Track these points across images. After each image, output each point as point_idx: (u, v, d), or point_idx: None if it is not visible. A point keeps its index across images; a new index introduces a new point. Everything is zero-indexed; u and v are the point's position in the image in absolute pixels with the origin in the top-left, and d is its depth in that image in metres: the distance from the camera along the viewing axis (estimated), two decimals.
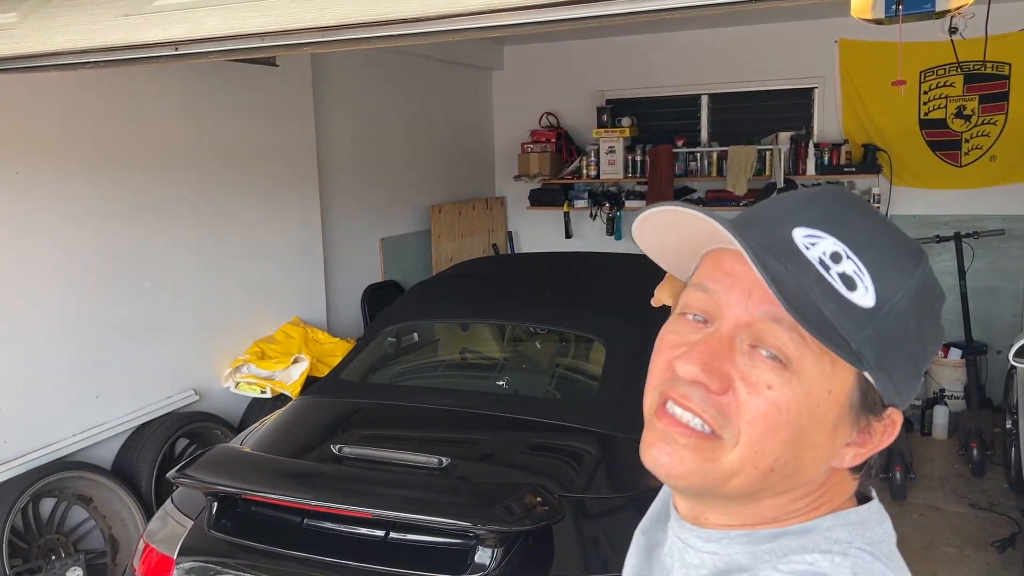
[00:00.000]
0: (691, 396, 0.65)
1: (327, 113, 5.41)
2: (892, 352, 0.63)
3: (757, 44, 6.55)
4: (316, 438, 2.69)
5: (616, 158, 6.74)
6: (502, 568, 2.06)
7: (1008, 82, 5.94)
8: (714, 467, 0.64)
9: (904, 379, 0.65)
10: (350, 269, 5.78)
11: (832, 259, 0.62)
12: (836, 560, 0.62)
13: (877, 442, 0.67)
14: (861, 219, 0.65)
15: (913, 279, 0.64)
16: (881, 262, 0.63)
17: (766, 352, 0.63)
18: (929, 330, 0.66)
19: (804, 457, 0.65)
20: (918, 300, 0.64)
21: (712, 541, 0.69)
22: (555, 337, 3.29)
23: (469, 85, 7.26)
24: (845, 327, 0.60)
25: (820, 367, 0.63)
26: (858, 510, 0.69)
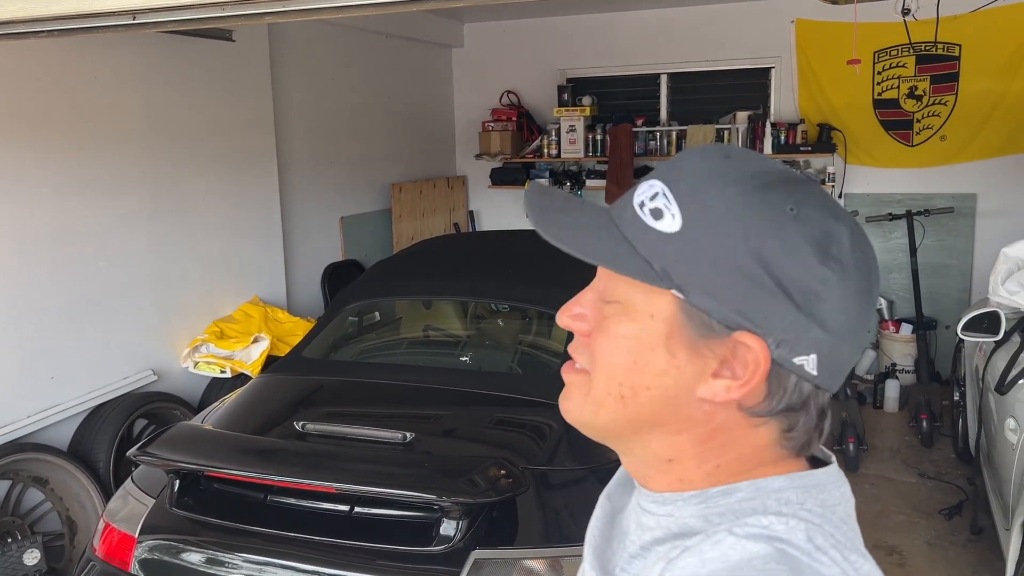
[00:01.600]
0: (574, 345, 0.75)
1: (285, 89, 5.34)
2: (706, 269, 0.64)
3: (716, 24, 6.59)
4: (279, 415, 2.68)
5: (577, 137, 6.76)
6: (467, 539, 2.09)
7: (958, 63, 6.07)
8: (586, 398, 0.72)
9: (740, 298, 0.64)
10: (310, 248, 5.73)
11: (650, 198, 0.68)
12: (791, 523, 0.63)
13: (749, 375, 0.65)
14: (698, 162, 0.69)
15: (726, 197, 0.65)
16: (692, 192, 0.67)
17: (608, 298, 0.71)
18: (776, 248, 0.64)
19: (654, 384, 0.68)
20: (740, 216, 0.64)
21: (667, 504, 0.71)
22: (518, 313, 3.31)
23: (429, 63, 7.20)
24: (648, 252, 0.66)
25: (642, 295, 0.68)
26: (814, 473, 0.69)
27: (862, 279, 0.67)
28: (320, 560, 2.15)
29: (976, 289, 6.10)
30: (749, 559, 0.61)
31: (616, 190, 6.56)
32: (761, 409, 0.67)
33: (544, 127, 7.09)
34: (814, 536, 0.63)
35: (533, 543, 2.16)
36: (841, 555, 0.62)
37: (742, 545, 0.62)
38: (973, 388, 4.15)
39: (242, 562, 2.21)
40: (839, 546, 0.63)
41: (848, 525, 0.67)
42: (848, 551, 0.63)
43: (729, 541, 0.63)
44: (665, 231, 0.66)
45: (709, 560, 0.62)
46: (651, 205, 0.68)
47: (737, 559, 0.61)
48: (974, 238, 6.14)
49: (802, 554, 0.61)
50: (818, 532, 0.63)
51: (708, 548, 0.63)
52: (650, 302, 0.67)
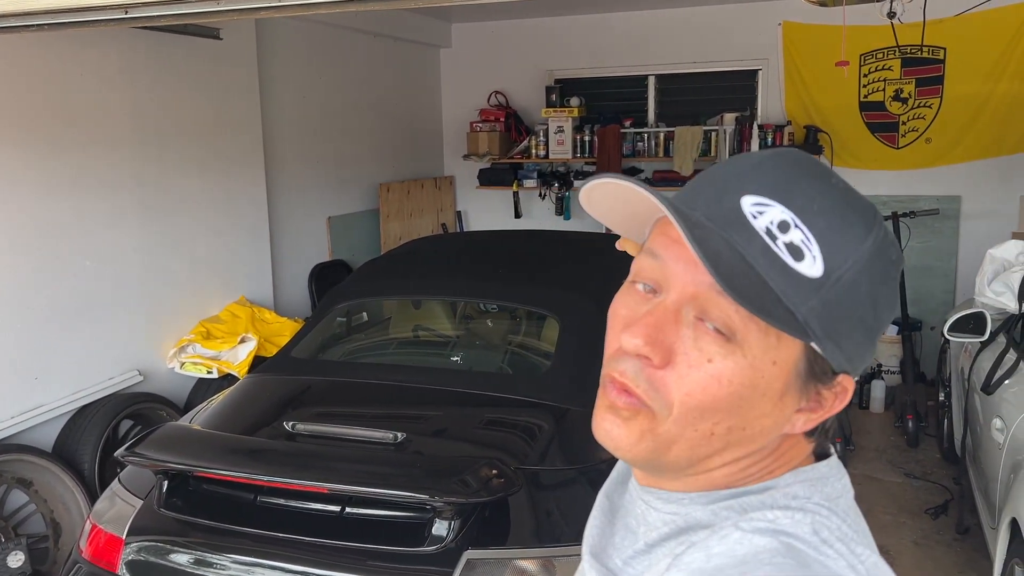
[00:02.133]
0: (626, 371, 0.65)
1: (273, 89, 5.31)
2: (841, 321, 0.62)
3: (703, 26, 6.62)
4: (268, 415, 2.66)
5: (565, 138, 6.76)
6: (459, 540, 2.08)
7: (943, 66, 6.12)
8: (653, 436, 0.65)
9: (855, 347, 0.64)
10: (297, 248, 5.70)
11: (780, 228, 0.61)
12: (796, 517, 0.63)
13: (828, 408, 0.66)
14: (813, 185, 0.63)
15: (864, 246, 0.62)
16: (830, 230, 0.61)
17: (711, 325, 0.63)
18: (883, 296, 0.64)
19: (751, 426, 0.65)
20: (870, 267, 0.62)
21: (673, 502, 0.70)
22: (509, 313, 3.31)
23: (417, 63, 7.18)
24: (791, 298, 0.60)
25: (765, 338, 0.62)
26: (816, 466, 0.69)
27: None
28: (311, 561, 2.13)
29: (960, 290, 6.15)
30: (756, 553, 0.60)
31: None
32: (819, 431, 0.70)
33: (532, 128, 7.09)
34: (820, 529, 0.62)
35: (525, 543, 2.15)
36: (847, 548, 0.62)
37: (748, 539, 0.61)
38: (959, 388, 4.18)
39: (232, 563, 2.19)
40: (845, 539, 0.63)
41: (852, 516, 0.67)
42: (854, 543, 0.63)
43: (735, 536, 0.62)
44: (807, 275, 0.61)
45: (715, 555, 0.61)
46: (785, 238, 0.61)
47: (743, 553, 0.60)
48: (958, 240, 6.19)
49: (808, 547, 0.61)
50: (824, 525, 0.63)
51: (715, 543, 0.62)
52: (775, 348, 0.63)
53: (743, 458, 0.68)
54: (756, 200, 0.62)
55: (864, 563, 0.61)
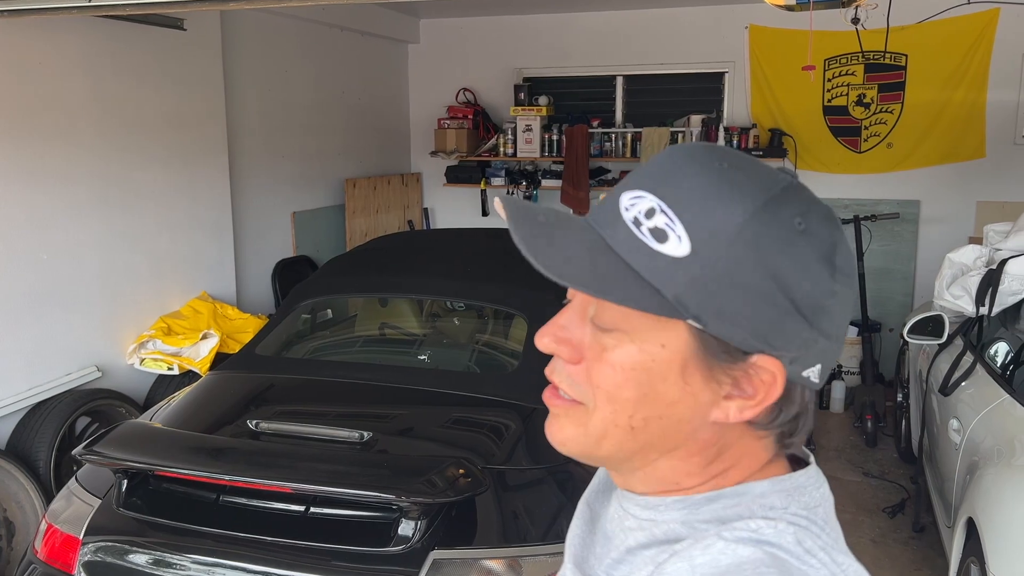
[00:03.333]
0: (555, 369, 0.70)
1: (237, 81, 5.23)
2: (724, 296, 0.61)
3: (671, 28, 6.66)
4: (231, 413, 2.62)
5: (533, 137, 6.76)
6: (426, 540, 2.06)
7: (904, 73, 6.23)
8: (586, 431, 0.67)
9: (759, 322, 0.62)
10: (261, 243, 5.63)
11: (646, 216, 0.63)
12: (779, 527, 0.62)
13: (763, 395, 0.64)
14: (688, 171, 0.64)
15: (735, 218, 0.61)
16: (695, 209, 0.62)
17: (598, 322, 0.66)
18: (785, 266, 0.62)
19: (666, 414, 0.65)
20: (753, 238, 0.61)
21: (650, 508, 0.70)
22: (476, 312, 3.30)
23: (384, 58, 7.13)
24: (658, 278, 0.61)
25: (648, 322, 0.64)
26: (794, 476, 0.68)
27: (855, 283, 0.67)
28: (274, 561, 2.10)
29: (919, 293, 6.27)
30: (739, 564, 0.60)
31: (572, 190, 6.58)
32: (768, 423, 0.67)
33: (500, 126, 7.08)
34: (803, 539, 0.62)
35: (492, 543, 2.15)
36: (829, 557, 0.62)
37: (732, 549, 0.61)
38: (917, 390, 4.26)
39: (193, 563, 2.15)
40: (826, 548, 0.63)
41: (830, 526, 0.67)
42: (835, 552, 0.63)
43: (719, 546, 0.62)
44: (673, 255, 0.62)
45: (699, 565, 0.61)
46: (649, 224, 0.63)
47: (727, 563, 0.60)
48: (917, 243, 6.30)
49: (792, 557, 0.61)
50: (806, 535, 0.63)
51: (698, 553, 0.62)
52: (661, 332, 0.64)
53: (677, 449, 0.67)
54: (632, 195, 0.65)
55: (846, 572, 0.62)
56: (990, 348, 3.40)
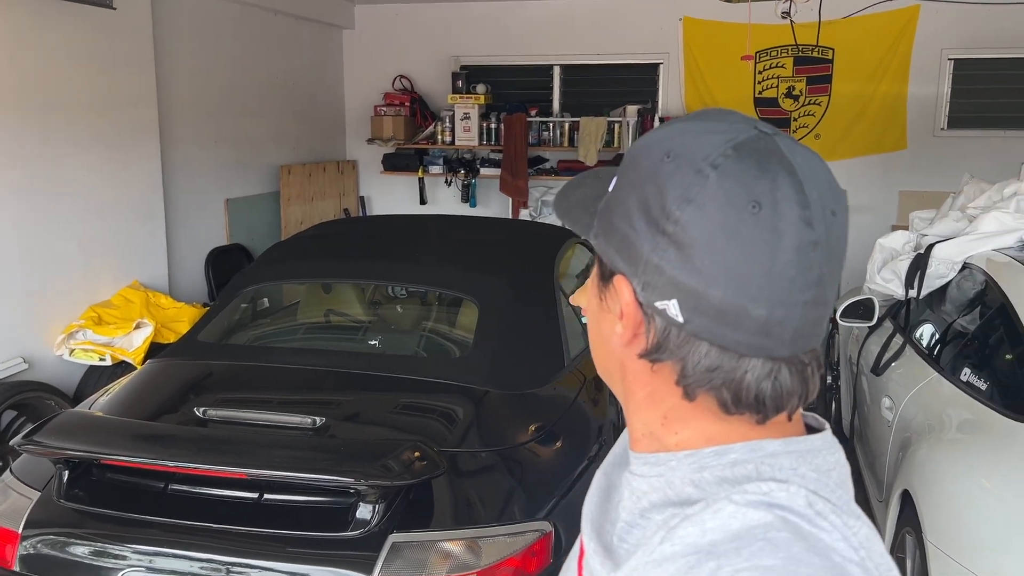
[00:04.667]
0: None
1: (169, 63, 5.07)
2: (608, 213, 0.68)
3: (607, 18, 6.72)
4: (176, 401, 2.55)
5: (471, 125, 6.75)
6: (384, 523, 2.05)
7: (831, 66, 6.43)
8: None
9: (619, 239, 0.66)
10: (194, 231, 5.48)
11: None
12: (791, 489, 0.62)
13: (626, 316, 0.67)
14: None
15: (640, 156, 0.67)
16: (629, 153, 0.71)
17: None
18: (651, 192, 0.63)
19: (599, 343, 0.74)
20: (629, 167, 0.68)
21: (660, 464, 0.70)
22: (427, 296, 3.28)
23: (319, 43, 7.01)
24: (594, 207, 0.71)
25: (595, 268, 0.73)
26: (808, 438, 0.68)
27: (738, 219, 0.61)
28: (226, 549, 2.06)
29: (847, 279, 6.48)
30: (750, 527, 0.60)
31: (511, 179, 6.59)
32: (644, 352, 0.67)
33: (438, 114, 7.04)
34: (814, 502, 0.62)
35: (449, 525, 2.15)
36: (841, 520, 0.62)
37: (743, 513, 0.61)
38: (847, 372, 4.42)
39: (139, 554, 2.09)
40: (838, 511, 0.63)
41: (843, 490, 0.67)
42: (846, 515, 0.63)
43: (729, 509, 0.62)
44: (609, 191, 0.70)
45: (710, 530, 0.61)
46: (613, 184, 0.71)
47: (738, 527, 0.60)
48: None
49: (803, 520, 0.61)
50: (817, 498, 0.63)
51: (709, 517, 0.62)
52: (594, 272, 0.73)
53: (632, 395, 0.72)
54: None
55: (857, 535, 0.62)
56: (918, 329, 3.55)
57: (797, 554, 0.58)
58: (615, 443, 0.86)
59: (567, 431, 2.60)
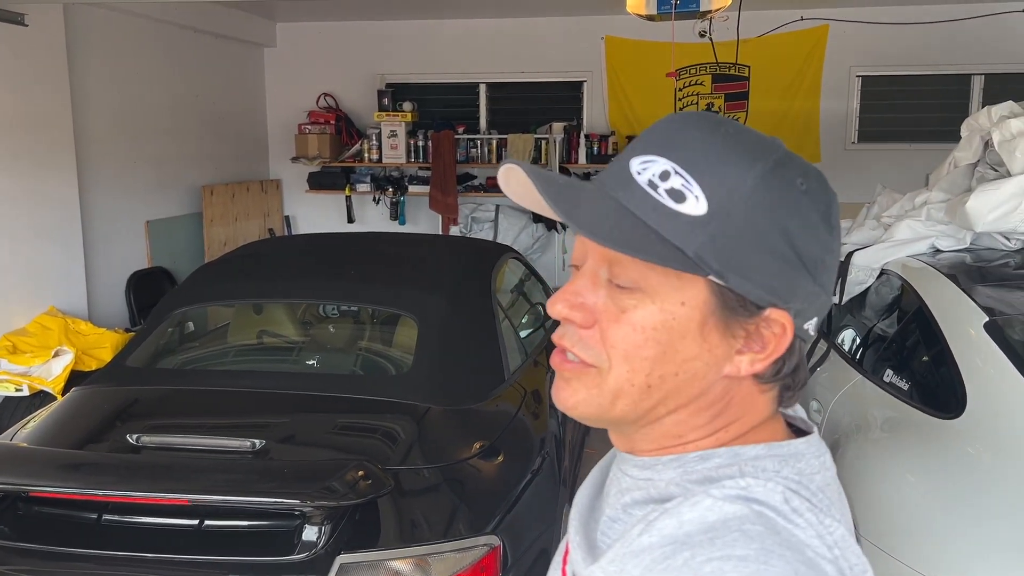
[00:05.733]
0: (564, 335, 0.71)
1: (85, 83, 4.91)
2: (742, 252, 0.64)
3: (531, 37, 6.81)
4: (107, 429, 2.46)
5: (398, 142, 6.73)
6: (331, 545, 2.01)
7: (748, 83, 6.65)
8: (599, 392, 0.69)
9: (772, 277, 0.66)
10: (113, 254, 5.30)
11: (661, 178, 0.66)
12: (768, 486, 0.64)
13: (772, 347, 0.67)
14: (695, 135, 0.68)
15: (749, 177, 0.65)
16: (710, 171, 0.65)
17: (616, 281, 0.68)
18: (795, 225, 0.66)
19: (683, 370, 0.67)
20: (765, 197, 0.65)
21: (647, 468, 0.71)
22: (360, 314, 3.24)
23: (240, 61, 6.90)
24: (679, 237, 0.64)
25: (668, 281, 0.66)
26: (792, 443, 0.70)
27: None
28: None
29: None
30: (725, 520, 0.61)
31: (440, 196, 6.59)
32: (772, 376, 0.69)
33: (364, 131, 7.00)
34: (791, 499, 0.64)
35: (397, 544, 2.12)
36: (816, 518, 0.63)
37: (719, 507, 0.63)
38: None
39: None
40: (814, 510, 0.64)
41: (825, 494, 0.68)
42: (823, 515, 0.64)
43: (707, 503, 0.63)
44: (692, 214, 0.64)
45: (687, 521, 0.63)
46: (665, 186, 0.65)
47: (713, 519, 0.62)
48: None
49: (778, 515, 0.62)
50: (794, 495, 0.64)
51: (686, 510, 0.63)
52: (680, 289, 0.66)
53: (688, 404, 0.69)
54: (642, 159, 0.67)
55: (832, 535, 0.63)
56: (841, 334, 3.69)
57: (770, 546, 0.59)
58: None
59: (510, 445, 2.60)
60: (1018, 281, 3.07)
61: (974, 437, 2.36)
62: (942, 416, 2.55)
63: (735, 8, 4.76)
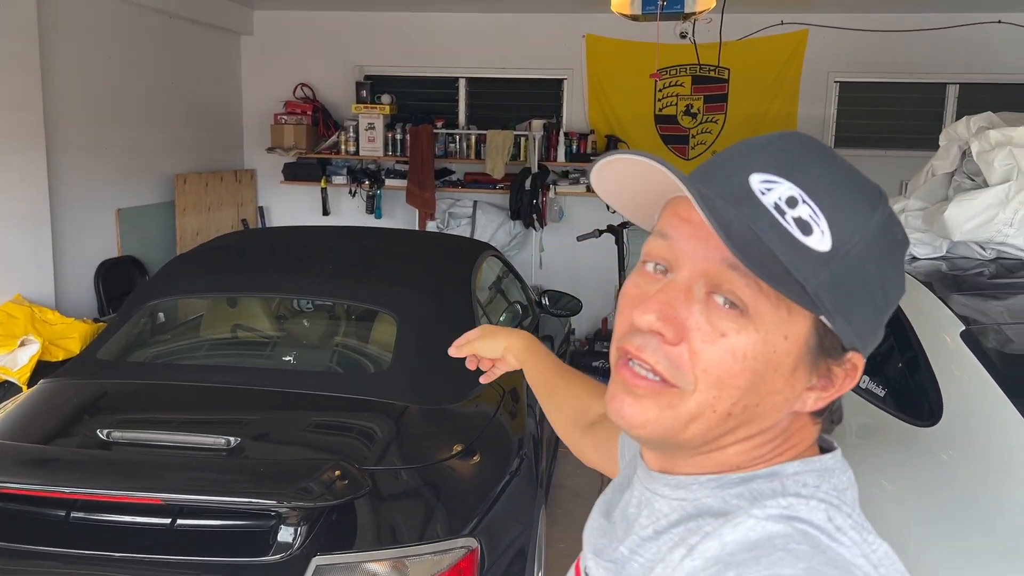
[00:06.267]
0: (645, 347, 0.66)
1: (56, 66, 4.80)
2: (850, 296, 0.63)
3: (512, 32, 6.78)
4: (75, 423, 2.40)
5: (376, 135, 6.67)
6: (306, 546, 1.98)
7: (727, 85, 6.68)
8: (673, 414, 0.65)
9: (864, 323, 0.65)
10: (82, 242, 5.19)
11: (788, 204, 0.62)
12: (811, 504, 0.63)
13: (839, 386, 0.67)
14: (818, 163, 0.65)
15: (871, 223, 0.64)
16: (837, 206, 0.63)
17: (722, 299, 0.64)
18: (891, 275, 0.66)
19: (764, 402, 0.65)
20: (877, 244, 0.64)
21: (681, 488, 0.69)
22: (342, 310, 3.20)
23: (216, 48, 6.79)
24: (800, 272, 0.61)
25: (776, 312, 0.63)
26: (822, 458, 0.69)
27: None
28: None
29: None
30: (769, 538, 0.60)
31: (417, 190, 6.54)
32: (826, 410, 0.69)
33: (341, 123, 6.92)
34: (834, 517, 0.63)
35: (373, 546, 2.09)
36: (860, 536, 0.63)
37: (762, 526, 0.62)
38: None
39: None
40: (857, 527, 0.63)
41: (857, 511, 0.67)
42: (866, 532, 0.63)
43: (749, 523, 0.62)
44: (816, 249, 0.61)
45: (730, 542, 0.62)
46: (793, 214, 0.62)
47: (756, 539, 0.61)
48: None
49: (822, 534, 0.61)
50: (837, 513, 0.63)
51: (728, 531, 0.62)
52: (787, 323, 0.63)
53: (755, 436, 0.68)
54: (764, 177, 0.64)
55: (876, 552, 0.62)
56: None
57: (817, 566, 0.58)
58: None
59: (488, 446, 2.58)
60: (993, 290, 3.11)
61: (949, 445, 2.38)
62: (918, 423, 2.57)
63: (718, 10, 4.77)
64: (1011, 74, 6.24)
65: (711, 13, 4.38)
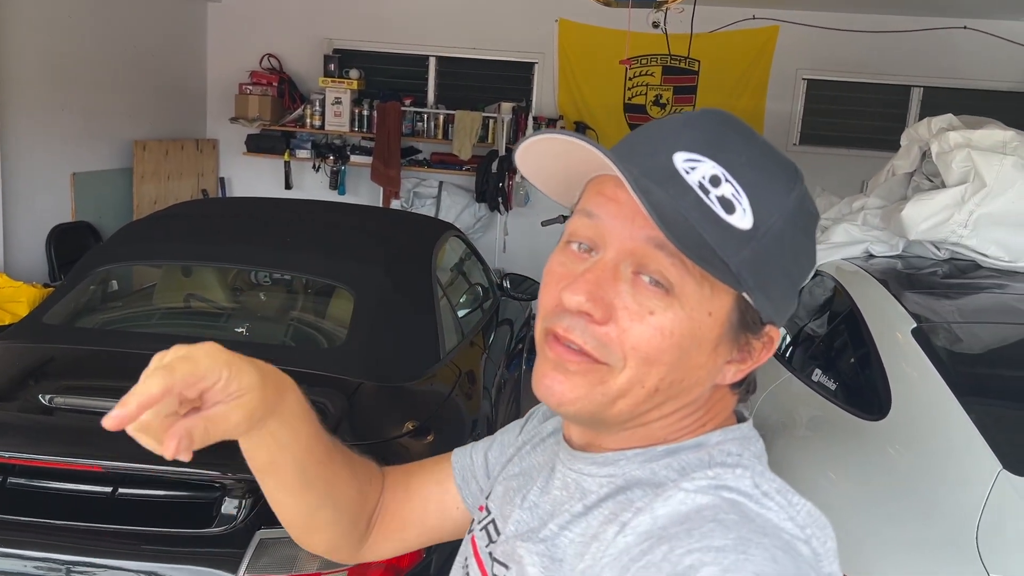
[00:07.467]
0: (573, 328, 0.66)
1: (10, 23, 4.65)
2: (769, 271, 0.65)
3: (484, 13, 6.72)
4: (17, 387, 2.33)
5: (343, 110, 6.58)
6: (251, 519, 1.95)
7: (697, 77, 6.70)
8: (603, 390, 0.66)
9: (781, 297, 0.67)
10: (34, 205, 5.05)
11: (711, 183, 0.63)
12: (737, 472, 0.65)
13: (756, 358, 0.69)
14: (740, 141, 0.66)
15: (789, 199, 0.65)
16: (758, 184, 0.64)
17: (648, 278, 0.64)
18: (804, 248, 0.68)
19: (688, 377, 0.67)
20: (793, 219, 0.66)
21: (609, 464, 0.70)
22: (299, 284, 3.15)
23: (181, 13, 6.63)
24: (724, 250, 0.62)
25: (700, 290, 0.64)
26: (741, 427, 0.72)
27: None
28: (74, 548, 1.89)
29: None
30: (699, 509, 0.62)
31: (383, 168, 6.48)
32: (742, 382, 0.71)
33: (308, 96, 6.82)
34: (760, 483, 0.64)
35: None
36: (785, 499, 0.64)
37: (692, 499, 0.63)
38: None
39: None
40: (782, 491, 0.65)
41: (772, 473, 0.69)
42: (790, 494, 0.65)
43: (679, 496, 0.63)
44: (739, 227, 0.63)
45: (661, 516, 0.63)
46: (717, 192, 0.63)
47: (686, 511, 0.62)
48: None
49: (750, 500, 0.63)
50: (762, 479, 0.65)
51: (659, 505, 0.63)
52: (710, 299, 0.64)
53: (679, 410, 0.69)
54: (688, 156, 0.64)
55: (800, 512, 0.64)
56: None
57: (747, 535, 0.59)
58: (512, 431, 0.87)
59: (441, 425, 2.57)
60: (945, 290, 3.16)
61: (896, 439, 2.42)
62: (867, 417, 2.61)
63: (690, 1, 4.77)
64: (974, 80, 6.35)
65: (683, 3, 4.38)
